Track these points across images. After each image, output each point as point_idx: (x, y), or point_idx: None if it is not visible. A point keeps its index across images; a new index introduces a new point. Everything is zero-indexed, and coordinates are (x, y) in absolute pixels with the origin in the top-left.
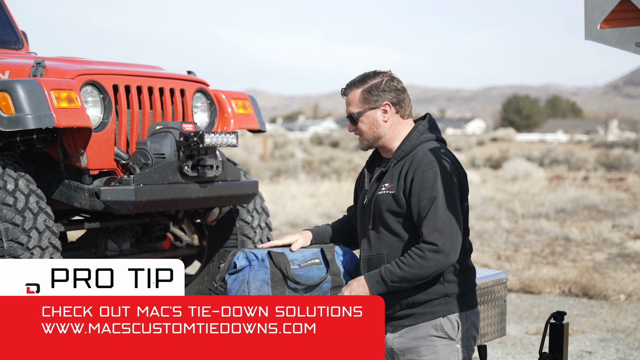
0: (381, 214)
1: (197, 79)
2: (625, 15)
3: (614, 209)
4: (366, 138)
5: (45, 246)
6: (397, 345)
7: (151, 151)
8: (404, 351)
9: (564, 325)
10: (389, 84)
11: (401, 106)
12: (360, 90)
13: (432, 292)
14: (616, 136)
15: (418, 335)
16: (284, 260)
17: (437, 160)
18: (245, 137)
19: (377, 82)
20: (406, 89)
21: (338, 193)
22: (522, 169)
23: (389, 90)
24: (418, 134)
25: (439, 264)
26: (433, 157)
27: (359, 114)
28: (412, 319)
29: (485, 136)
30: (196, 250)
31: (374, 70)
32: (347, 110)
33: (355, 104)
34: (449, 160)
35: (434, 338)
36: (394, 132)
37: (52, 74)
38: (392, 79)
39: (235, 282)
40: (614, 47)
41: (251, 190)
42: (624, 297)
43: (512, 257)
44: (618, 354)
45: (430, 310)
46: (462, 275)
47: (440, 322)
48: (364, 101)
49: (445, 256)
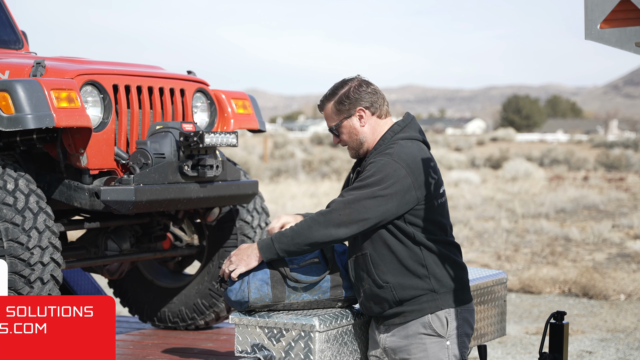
0: None
1: (197, 79)
2: (625, 15)
3: (614, 209)
4: (351, 147)
5: (45, 246)
6: (389, 344)
7: (151, 151)
8: (395, 350)
9: (564, 325)
10: (358, 90)
11: (375, 108)
12: (332, 104)
13: (418, 287)
14: (616, 136)
15: (408, 333)
16: (282, 263)
17: (392, 153)
18: (245, 137)
19: (345, 91)
20: (378, 90)
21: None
22: (522, 169)
23: (359, 95)
24: (392, 133)
25: (324, 224)
26: (391, 150)
27: (337, 126)
28: (401, 317)
29: (485, 136)
30: (196, 250)
31: (342, 80)
32: (327, 125)
33: (331, 117)
34: (409, 157)
35: (423, 336)
36: (374, 134)
37: (52, 73)
38: (361, 84)
39: (235, 283)
40: (614, 47)
41: (251, 190)
42: (624, 297)
43: (512, 257)
44: (618, 353)
45: (419, 307)
46: (448, 270)
47: (428, 320)
48: (338, 113)
49: (331, 221)
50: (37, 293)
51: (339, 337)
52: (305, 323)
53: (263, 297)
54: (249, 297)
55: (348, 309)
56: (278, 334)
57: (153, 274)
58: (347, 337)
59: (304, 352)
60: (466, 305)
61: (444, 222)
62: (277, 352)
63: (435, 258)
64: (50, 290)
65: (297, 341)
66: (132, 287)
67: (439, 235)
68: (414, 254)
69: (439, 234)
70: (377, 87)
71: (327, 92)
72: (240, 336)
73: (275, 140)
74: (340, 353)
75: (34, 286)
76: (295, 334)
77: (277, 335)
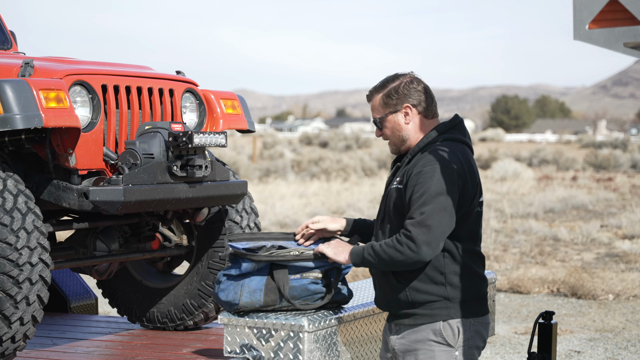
0: (390, 208)
1: (186, 79)
2: (614, 15)
3: (602, 209)
4: (392, 142)
5: (34, 246)
6: (398, 346)
7: (140, 151)
8: (403, 352)
9: (553, 325)
10: (408, 86)
11: (423, 107)
12: (380, 96)
13: (433, 292)
14: (604, 136)
15: (418, 338)
16: (284, 278)
17: (442, 158)
18: (235, 137)
19: (395, 85)
20: (429, 89)
21: (327, 193)
22: (511, 169)
23: (408, 92)
24: (436, 133)
25: (410, 253)
26: (439, 154)
27: (381, 119)
28: (412, 319)
29: (474, 136)
30: (185, 250)
31: (395, 74)
32: (372, 115)
33: (377, 109)
34: (457, 161)
35: (432, 343)
36: (418, 133)
37: (40, 73)
38: (412, 81)
39: (230, 284)
40: (603, 48)
41: (240, 190)
42: (612, 296)
43: (501, 257)
44: (606, 353)
45: (430, 312)
46: (466, 280)
47: (439, 327)
48: (385, 106)
49: (417, 247)
50: (25, 294)
51: (327, 338)
52: (294, 323)
53: (254, 302)
54: (240, 300)
55: (337, 309)
56: (267, 335)
57: (142, 275)
58: (336, 337)
59: (292, 353)
60: (481, 317)
61: (476, 232)
62: (266, 353)
63: (457, 267)
64: (38, 291)
65: (286, 341)
66: (121, 287)
67: (467, 244)
68: (436, 260)
69: (468, 243)
70: (428, 86)
71: (378, 84)
72: (229, 336)
73: (264, 140)
74: (329, 353)
75: (22, 287)
76: (284, 334)
77: (266, 336)
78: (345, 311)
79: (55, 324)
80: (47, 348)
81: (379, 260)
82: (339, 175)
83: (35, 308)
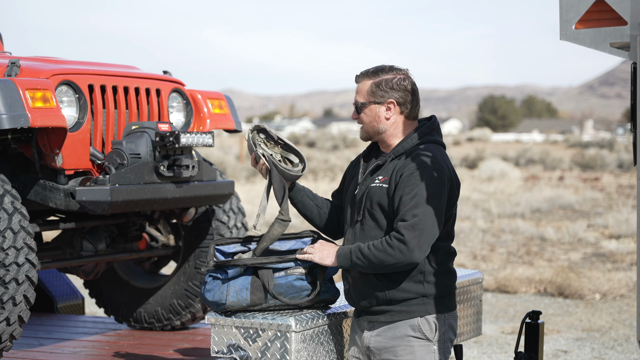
0: (371, 206)
1: (173, 79)
2: (600, 15)
3: (589, 209)
4: (365, 130)
5: (20, 247)
6: (374, 344)
7: (127, 151)
8: (380, 350)
9: (540, 324)
10: (400, 83)
11: (407, 107)
12: (370, 82)
13: (411, 290)
14: (591, 136)
15: (395, 334)
16: (268, 274)
17: (431, 161)
18: (222, 137)
19: (388, 77)
20: (417, 91)
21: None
22: (498, 169)
23: (398, 88)
24: (421, 134)
25: (401, 256)
26: (428, 158)
27: (363, 105)
28: (388, 315)
29: (461, 136)
30: (172, 250)
31: (391, 65)
32: (355, 97)
33: (362, 94)
34: (444, 164)
35: (411, 338)
36: (396, 130)
37: (27, 73)
38: (405, 79)
39: (216, 285)
40: (589, 48)
41: (227, 190)
42: (599, 296)
43: (488, 256)
44: (593, 352)
45: (408, 309)
46: (442, 277)
47: (417, 323)
48: (371, 94)
49: (409, 251)
50: (12, 294)
51: (315, 337)
52: (281, 323)
53: (240, 301)
54: (227, 299)
55: (325, 309)
56: (254, 334)
57: (129, 275)
58: (324, 337)
59: (280, 352)
60: (453, 311)
61: (452, 231)
62: (253, 353)
63: (435, 265)
64: (25, 291)
65: (274, 341)
66: (107, 287)
67: (445, 244)
68: None
69: (446, 242)
70: (417, 88)
71: (371, 69)
72: (216, 336)
73: None
74: (317, 353)
75: (8, 287)
76: (272, 334)
77: (253, 336)
78: (333, 311)
79: (42, 324)
80: (34, 348)
81: (369, 264)
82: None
83: (21, 308)
